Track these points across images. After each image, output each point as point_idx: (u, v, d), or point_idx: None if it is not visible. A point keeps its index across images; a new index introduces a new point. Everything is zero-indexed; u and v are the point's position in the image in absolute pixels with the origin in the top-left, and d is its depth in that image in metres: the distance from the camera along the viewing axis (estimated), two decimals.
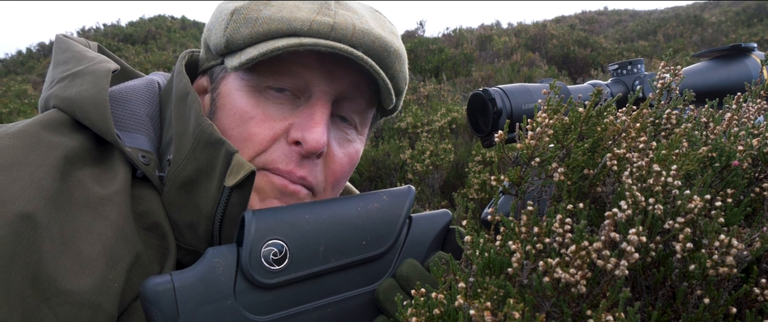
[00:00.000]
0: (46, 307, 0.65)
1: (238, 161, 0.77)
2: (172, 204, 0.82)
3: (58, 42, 0.92)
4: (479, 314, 0.48)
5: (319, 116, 0.84)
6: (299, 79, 0.84)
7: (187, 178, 0.81)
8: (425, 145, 4.83)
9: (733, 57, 1.17)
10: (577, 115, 0.64)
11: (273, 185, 0.84)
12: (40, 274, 0.65)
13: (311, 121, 0.83)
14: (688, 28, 10.85)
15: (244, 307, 0.70)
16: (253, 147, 0.83)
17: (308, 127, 0.83)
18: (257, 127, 0.83)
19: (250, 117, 0.84)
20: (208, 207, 0.79)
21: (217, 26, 0.86)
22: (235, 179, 0.75)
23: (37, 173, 0.70)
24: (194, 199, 0.81)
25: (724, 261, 0.50)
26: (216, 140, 0.78)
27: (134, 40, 11.33)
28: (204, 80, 0.92)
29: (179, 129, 0.83)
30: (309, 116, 0.84)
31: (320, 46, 0.78)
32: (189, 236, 0.82)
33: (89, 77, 0.83)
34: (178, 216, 0.82)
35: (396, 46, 0.87)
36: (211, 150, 0.79)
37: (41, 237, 0.66)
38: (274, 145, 0.84)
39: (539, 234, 0.54)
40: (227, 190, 0.78)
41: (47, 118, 0.78)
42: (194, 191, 0.81)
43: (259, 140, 0.83)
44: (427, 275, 0.76)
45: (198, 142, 0.80)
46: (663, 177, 0.54)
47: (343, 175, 0.91)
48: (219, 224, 0.80)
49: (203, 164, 0.80)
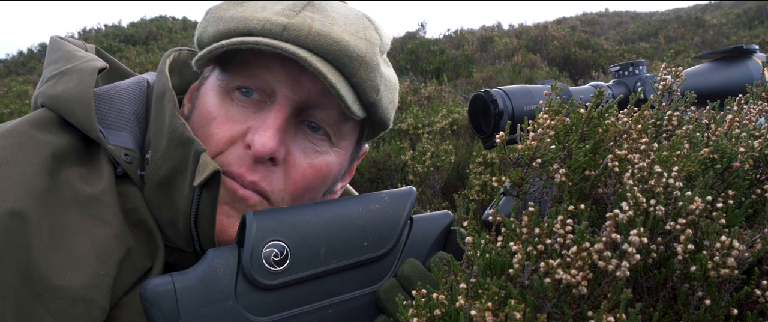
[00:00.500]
0: (38, 303, 0.66)
1: (204, 161, 0.76)
2: (153, 202, 0.83)
3: (52, 43, 0.93)
4: (480, 315, 0.48)
5: (272, 120, 0.81)
6: (262, 82, 0.83)
7: (164, 177, 0.81)
8: (426, 146, 4.83)
9: (734, 59, 1.17)
10: (579, 116, 0.65)
11: (224, 188, 0.82)
12: (32, 270, 0.66)
13: (264, 124, 0.81)
14: (689, 30, 10.84)
15: (245, 308, 0.70)
16: (210, 148, 0.83)
17: (256, 130, 0.81)
18: (217, 129, 0.83)
19: (212, 117, 0.84)
20: (184, 206, 0.79)
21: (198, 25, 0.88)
22: (200, 178, 0.75)
23: (26, 172, 0.71)
24: (172, 197, 0.81)
25: (726, 263, 0.50)
26: (186, 139, 0.78)
27: (135, 41, 11.33)
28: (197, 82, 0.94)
29: (156, 128, 0.84)
30: (263, 120, 0.82)
31: (261, 44, 0.76)
32: (170, 234, 0.83)
33: (76, 75, 0.84)
34: (159, 214, 0.82)
35: (360, 52, 0.82)
36: (182, 149, 0.79)
37: (31, 234, 0.67)
38: (231, 147, 0.83)
39: (540, 235, 0.54)
40: (197, 189, 0.78)
41: (36, 116, 0.79)
42: (171, 189, 0.81)
43: (216, 141, 0.82)
44: (429, 275, 0.76)
45: (171, 141, 0.80)
46: (664, 178, 0.54)
47: (306, 186, 0.87)
48: (194, 222, 0.80)
49: (177, 163, 0.80)
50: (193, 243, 0.82)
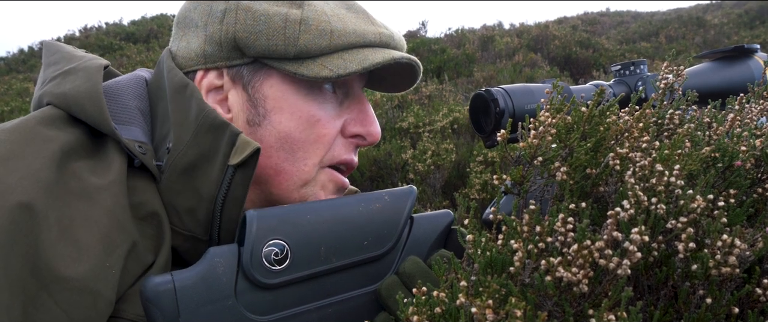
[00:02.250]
0: (45, 294, 0.66)
1: (244, 140, 0.79)
2: (172, 190, 0.83)
3: (47, 46, 0.94)
4: (481, 312, 0.48)
5: (370, 111, 0.94)
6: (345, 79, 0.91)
7: (189, 163, 0.82)
8: (427, 145, 4.83)
9: (736, 58, 1.16)
10: (580, 114, 0.64)
11: (336, 182, 0.92)
12: (39, 262, 0.66)
13: (366, 116, 0.93)
14: (690, 29, 10.83)
15: (245, 307, 0.70)
16: (323, 147, 0.90)
17: (368, 122, 0.92)
18: (325, 129, 0.89)
19: (317, 119, 0.89)
20: (209, 190, 0.80)
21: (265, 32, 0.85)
22: (240, 157, 0.77)
23: (33, 165, 0.71)
24: (195, 183, 0.82)
25: (727, 261, 0.50)
26: (220, 123, 0.80)
27: (136, 39, 11.32)
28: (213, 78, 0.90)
29: (178, 119, 0.84)
30: (362, 111, 0.93)
31: (404, 59, 0.88)
32: (188, 222, 0.83)
33: (82, 73, 0.84)
34: (178, 202, 0.83)
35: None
36: (214, 133, 0.80)
37: (39, 226, 0.67)
38: (335, 140, 0.91)
39: (541, 233, 0.54)
40: (231, 170, 0.79)
41: (42, 114, 0.80)
42: (195, 175, 0.82)
43: (328, 140, 0.90)
44: (431, 273, 0.76)
45: (201, 128, 0.81)
46: (666, 177, 0.54)
47: None
48: (220, 206, 0.81)
49: (206, 149, 0.81)
50: (212, 230, 0.83)
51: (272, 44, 0.85)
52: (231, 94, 0.89)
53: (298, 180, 0.89)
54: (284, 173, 0.88)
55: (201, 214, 0.82)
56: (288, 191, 0.89)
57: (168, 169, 0.83)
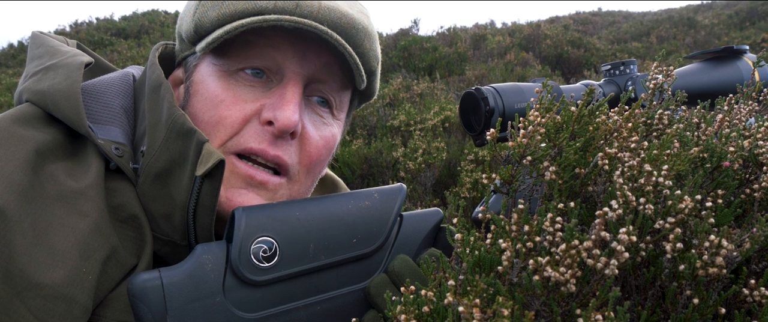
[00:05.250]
0: (18, 300, 0.65)
1: (208, 150, 0.77)
2: (147, 195, 0.82)
3: (34, 38, 0.93)
4: (468, 312, 0.48)
5: (290, 95, 0.84)
6: (269, 60, 0.84)
7: (161, 169, 0.80)
8: (418, 143, 4.83)
9: (725, 59, 1.17)
10: (570, 114, 0.64)
11: (239, 174, 0.84)
12: (12, 268, 0.65)
13: (283, 100, 0.83)
14: (681, 30, 10.89)
15: (233, 304, 0.70)
16: (224, 130, 0.83)
17: (280, 106, 0.83)
18: (228, 110, 0.83)
19: (220, 100, 0.84)
20: (182, 197, 0.79)
21: (187, 14, 0.87)
22: (204, 168, 0.75)
23: (6, 167, 0.70)
24: (168, 189, 0.80)
25: (714, 262, 0.50)
26: (187, 130, 0.78)
27: (127, 35, 11.25)
28: (179, 72, 0.93)
29: (152, 120, 0.83)
30: (280, 96, 0.84)
31: (284, 21, 0.79)
32: (165, 227, 0.82)
33: (62, 70, 0.83)
34: (154, 207, 0.81)
35: (364, 23, 0.87)
36: (183, 140, 0.79)
37: (12, 231, 0.66)
38: (245, 126, 0.84)
39: (530, 232, 0.54)
40: (198, 179, 0.77)
41: (19, 112, 0.78)
42: (168, 181, 0.81)
43: (230, 123, 0.83)
44: (419, 271, 0.76)
45: (170, 133, 0.79)
46: (654, 177, 0.54)
47: (319, 158, 0.90)
48: (192, 214, 0.79)
49: (176, 155, 0.79)
50: (189, 236, 0.81)
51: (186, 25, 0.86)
52: (182, 85, 0.91)
53: None
54: None
55: (176, 220, 0.80)
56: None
57: (142, 173, 0.82)
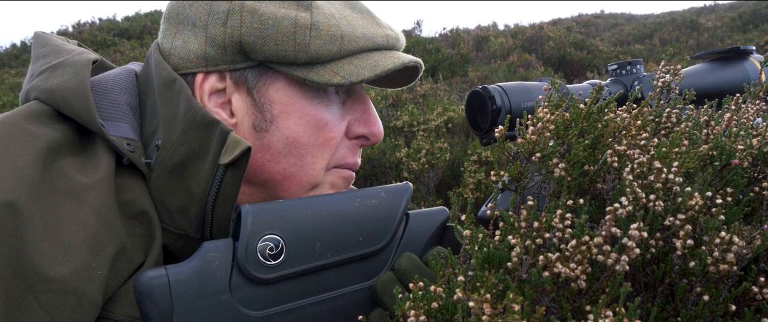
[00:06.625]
0: (29, 295, 0.65)
1: (234, 139, 0.77)
2: (162, 188, 0.81)
3: (37, 38, 0.93)
4: (478, 307, 0.48)
5: (372, 109, 0.93)
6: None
7: (179, 161, 0.80)
8: (421, 143, 4.83)
9: (731, 59, 1.17)
10: (578, 111, 0.64)
11: (345, 178, 0.93)
12: (23, 262, 0.65)
13: (368, 115, 0.92)
14: (684, 32, 10.88)
15: (239, 302, 0.69)
16: (330, 150, 0.89)
17: (372, 123, 0.92)
18: (332, 133, 0.88)
19: (325, 123, 0.87)
20: (200, 188, 0.79)
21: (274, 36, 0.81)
22: (230, 156, 0.75)
23: (18, 162, 0.70)
24: (185, 181, 0.80)
25: (725, 258, 0.50)
26: (209, 121, 0.78)
27: (130, 35, 11.26)
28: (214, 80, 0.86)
29: (167, 114, 0.82)
30: (365, 112, 0.92)
31: (412, 63, 0.89)
32: (179, 220, 0.81)
33: (70, 68, 0.83)
34: (168, 200, 0.81)
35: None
36: (204, 131, 0.78)
37: (23, 225, 0.66)
38: (341, 142, 0.90)
39: (539, 229, 0.53)
40: (222, 169, 0.77)
41: (28, 109, 0.78)
42: (185, 173, 0.80)
43: (334, 143, 0.89)
44: (426, 269, 0.76)
45: (190, 125, 0.79)
46: (664, 174, 0.54)
47: None
48: (212, 205, 0.79)
49: (195, 146, 0.79)
50: (204, 228, 0.81)
51: (281, 50, 0.81)
52: (234, 98, 0.86)
53: (307, 184, 0.89)
54: (293, 177, 0.87)
55: (192, 212, 0.80)
56: (296, 195, 0.89)
57: (157, 167, 0.81)
